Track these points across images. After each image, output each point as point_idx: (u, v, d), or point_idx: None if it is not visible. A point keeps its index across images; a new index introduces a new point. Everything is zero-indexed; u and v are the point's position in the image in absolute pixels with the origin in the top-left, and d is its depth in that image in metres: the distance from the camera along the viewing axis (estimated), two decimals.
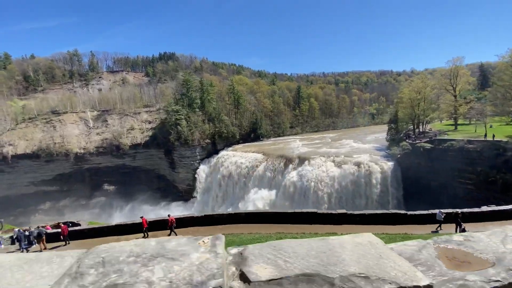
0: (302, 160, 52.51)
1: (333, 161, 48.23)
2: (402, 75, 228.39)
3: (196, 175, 74.62)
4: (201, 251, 1.64)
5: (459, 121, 53.27)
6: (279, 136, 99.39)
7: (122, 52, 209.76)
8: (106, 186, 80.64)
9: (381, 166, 42.56)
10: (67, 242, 16.37)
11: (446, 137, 43.22)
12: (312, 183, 46.19)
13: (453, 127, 50.80)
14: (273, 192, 52.23)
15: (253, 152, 66.86)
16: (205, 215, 14.87)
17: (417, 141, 42.59)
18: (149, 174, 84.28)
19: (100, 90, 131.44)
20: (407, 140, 44.75)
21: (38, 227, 17.94)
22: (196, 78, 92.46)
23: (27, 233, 16.11)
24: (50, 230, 17.35)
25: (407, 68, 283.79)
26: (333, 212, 14.16)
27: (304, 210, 14.42)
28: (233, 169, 63.61)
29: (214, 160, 73.92)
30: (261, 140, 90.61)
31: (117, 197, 78.76)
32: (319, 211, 14.19)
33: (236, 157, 67.22)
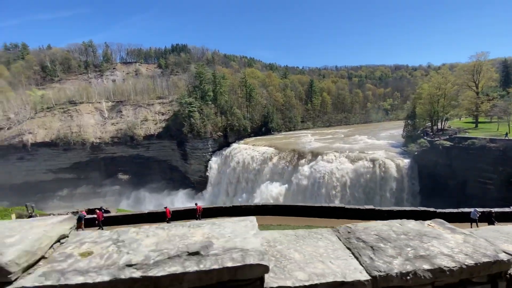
0: (315, 155, 52.24)
1: (347, 157, 47.78)
2: (418, 70, 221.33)
3: (208, 167, 75.53)
4: (448, 233, 1.97)
5: (480, 119, 51.51)
6: (290, 130, 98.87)
7: (135, 44, 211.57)
8: (120, 175, 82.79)
9: (397, 163, 41.88)
10: (101, 227, 17.03)
11: (466, 135, 41.95)
12: (325, 179, 46.01)
13: (473, 125, 49.18)
14: (285, 186, 52.36)
15: (264, 146, 66.93)
16: (233, 206, 15.25)
17: (435, 139, 41.56)
18: (162, 164, 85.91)
19: (114, 81, 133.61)
20: (424, 137, 43.70)
21: (75, 212, 18.71)
22: (208, 71, 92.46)
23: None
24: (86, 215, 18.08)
25: (423, 63, 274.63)
26: (361, 207, 14.18)
27: (332, 205, 14.54)
28: (244, 162, 63.96)
29: (225, 152, 74.50)
30: (272, 134, 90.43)
31: (131, 186, 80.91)
32: (347, 206, 14.26)
33: (247, 151, 67.48)
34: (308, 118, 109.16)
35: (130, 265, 1.44)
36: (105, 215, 17.47)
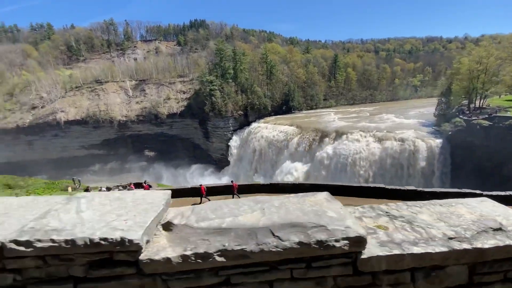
0: (339, 134, 51.05)
1: (374, 136, 46.24)
2: (453, 42, 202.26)
3: (229, 146, 76.67)
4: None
5: None
6: (311, 108, 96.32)
7: (154, 21, 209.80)
8: (146, 152, 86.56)
9: (428, 143, 39.96)
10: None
11: (508, 114, 38.66)
12: (350, 159, 45.18)
13: None
14: (307, 165, 52.24)
15: (286, 125, 66.22)
16: (270, 183, 15.59)
17: (473, 118, 38.74)
18: (185, 142, 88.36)
19: (135, 59, 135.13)
20: (460, 116, 40.87)
21: (124, 185, 19.97)
22: (228, 47, 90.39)
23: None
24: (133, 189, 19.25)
25: (459, 34, 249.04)
26: (402, 188, 13.88)
27: (372, 185, 14.39)
28: (265, 141, 64.09)
29: (246, 131, 74.83)
30: (293, 113, 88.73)
31: (157, 162, 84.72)
32: (387, 187, 14.01)
33: (268, 129, 67.27)
34: (331, 95, 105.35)
35: (451, 238, 1.70)
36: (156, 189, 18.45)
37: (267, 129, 67.26)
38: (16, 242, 1.41)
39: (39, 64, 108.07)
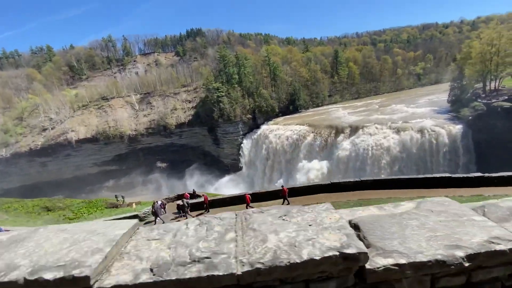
0: (354, 128, 50.94)
1: (390, 128, 46.06)
2: (450, 27, 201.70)
3: (240, 150, 76.76)
4: None
5: None
6: (317, 106, 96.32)
7: (151, 33, 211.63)
8: (159, 164, 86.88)
9: (448, 130, 39.71)
10: (208, 210, 18.25)
11: None
12: (369, 152, 45.00)
13: None
14: (325, 162, 52.08)
15: (296, 124, 66.23)
16: (331, 183, 15.52)
17: (493, 101, 38.49)
18: (195, 151, 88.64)
19: (136, 73, 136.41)
20: (478, 100, 40.62)
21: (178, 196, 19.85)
22: (229, 53, 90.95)
23: (184, 202, 17.83)
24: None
25: (455, 18, 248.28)
26: (469, 175, 13.78)
27: (437, 175, 14.30)
28: (279, 142, 64.07)
29: (256, 134, 74.93)
30: (300, 112, 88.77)
31: (169, 173, 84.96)
32: (453, 176, 13.93)
33: (280, 130, 67.32)
34: (335, 91, 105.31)
35: None
36: (215, 198, 18.52)
37: (278, 130, 67.32)
38: None
39: (44, 87, 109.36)
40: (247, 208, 17.13)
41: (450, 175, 14.13)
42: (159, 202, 18.08)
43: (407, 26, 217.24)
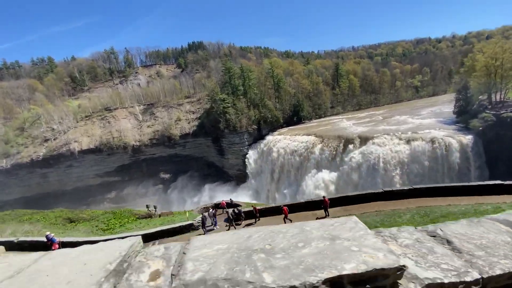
0: (363, 139, 51.44)
1: (400, 139, 46.68)
2: (442, 41, 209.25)
3: (246, 161, 76.61)
4: None
5: None
6: (320, 117, 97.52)
7: (153, 46, 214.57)
8: (162, 174, 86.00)
9: (458, 141, 40.44)
10: (258, 218, 18.04)
11: None
12: (381, 163, 45.33)
13: None
14: (335, 173, 52.17)
15: (303, 135, 66.68)
16: (384, 191, 15.55)
17: (502, 112, 39.58)
18: (199, 161, 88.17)
19: (138, 85, 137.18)
20: (486, 111, 41.73)
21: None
22: (234, 65, 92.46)
23: (236, 210, 17.58)
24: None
25: (447, 33, 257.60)
26: None
27: (491, 182, 14.53)
28: (287, 153, 64.22)
29: (261, 145, 75.10)
30: (304, 123, 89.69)
31: (173, 184, 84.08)
32: (505, 183, 14.12)
33: (287, 141, 67.62)
34: (337, 103, 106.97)
35: None
36: (263, 207, 18.30)
37: (285, 140, 67.60)
38: None
39: (46, 97, 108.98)
40: (284, 220, 17.03)
41: (502, 182, 14.37)
42: (211, 210, 17.86)
43: (401, 41, 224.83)
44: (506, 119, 37.51)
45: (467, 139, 40.37)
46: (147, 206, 24.87)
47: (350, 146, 52.10)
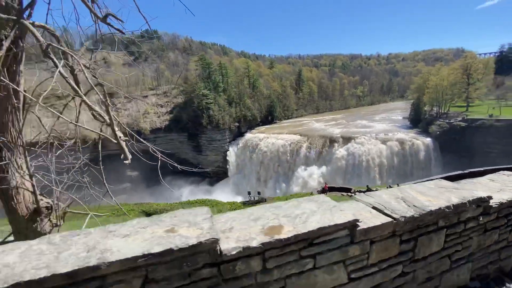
0: (346, 139, 59.49)
1: (377, 139, 56.17)
2: (371, 59, 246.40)
3: (227, 157, 77.17)
4: None
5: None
6: (288, 118, 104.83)
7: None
8: (129, 172, 78.38)
9: (422, 142, 51.80)
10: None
11: (472, 116, 53.99)
12: (363, 159, 53.72)
13: (464, 108, 62.64)
14: (323, 168, 58.64)
15: (286, 133, 71.80)
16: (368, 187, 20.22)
17: (451, 120, 52.65)
18: (171, 158, 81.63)
19: (82, 70, 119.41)
20: (440, 120, 54.72)
21: None
22: (211, 61, 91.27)
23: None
24: None
25: (373, 52, 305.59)
26: None
27: (446, 175, 20.47)
28: (272, 150, 67.98)
29: (242, 142, 77.02)
30: (276, 123, 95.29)
31: (141, 182, 77.67)
32: (453, 174, 20.42)
33: (271, 139, 71.46)
34: (299, 106, 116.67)
35: None
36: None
37: (269, 139, 71.29)
38: None
39: None
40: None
41: (451, 173, 21.39)
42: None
43: (339, 54, 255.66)
44: (456, 126, 50.47)
45: (428, 140, 52.16)
46: (249, 193, 24.64)
47: (336, 144, 59.47)
